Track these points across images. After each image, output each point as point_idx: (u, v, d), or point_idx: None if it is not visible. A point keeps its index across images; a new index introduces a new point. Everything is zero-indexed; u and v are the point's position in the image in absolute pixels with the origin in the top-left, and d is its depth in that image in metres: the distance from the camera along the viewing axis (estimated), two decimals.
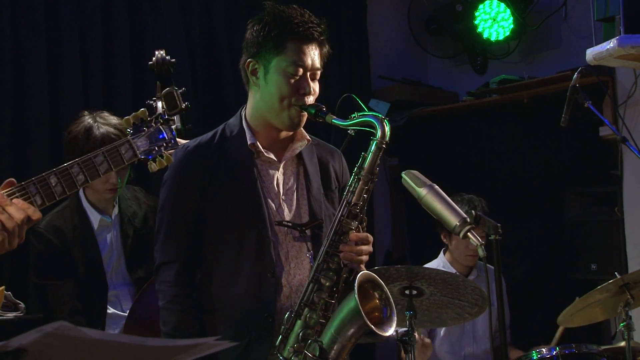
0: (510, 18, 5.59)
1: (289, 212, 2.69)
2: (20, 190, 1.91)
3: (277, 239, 2.64)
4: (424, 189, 2.43)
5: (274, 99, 2.61)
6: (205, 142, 2.71)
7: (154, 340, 1.15)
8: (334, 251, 2.51)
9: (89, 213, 3.57)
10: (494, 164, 5.65)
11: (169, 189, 2.70)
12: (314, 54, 2.63)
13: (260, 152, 2.67)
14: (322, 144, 2.87)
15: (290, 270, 2.65)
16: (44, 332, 1.10)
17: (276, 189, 2.69)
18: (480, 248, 2.29)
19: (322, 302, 2.50)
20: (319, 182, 2.76)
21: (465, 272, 4.24)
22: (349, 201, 2.52)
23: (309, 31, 2.60)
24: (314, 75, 2.64)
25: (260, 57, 2.63)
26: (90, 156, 2.00)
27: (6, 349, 1.11)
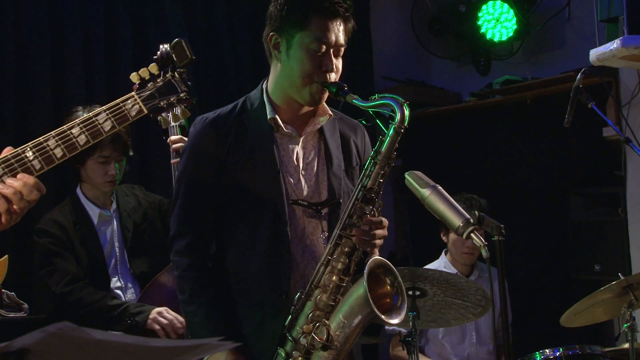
0: (513, 19, 5.59)
1: (308, 187, 2.67)
2: (15, 156, 1.83)
3: (293, 216, 2.62)
4: (427, 190, 2.43)
5: (295, 75, 2.58)
6: (224, 114, 2.67)
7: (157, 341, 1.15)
8: (347, 234, 2.50)
9: (87, 208, 3.60)
10: (497, 164, 5.64)
11: (186, 160, 2.66)
12: (339, 30, 2.58)
13: (280, 127, 2.64)
14: (345, 119, 2.82)
15: (305, 248, 2.63)
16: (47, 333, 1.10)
17: (295, 163, 2.67)
18: (483, 249, 2.28)
19: (333, 285, 2.48)
20: (340, 157, 2.73)
21: (467, 273, 4.24)
22: (364, 185, 2.50)
23: (334, 7, 2.55)
24: (337, 52, 2.60)
25: (283, 31, 2.59)
26: (91, 115, 1.89)
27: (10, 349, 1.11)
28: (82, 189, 3.64)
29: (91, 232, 3.57)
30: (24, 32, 4.35)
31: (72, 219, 3.56)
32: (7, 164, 1.81)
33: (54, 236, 3.50)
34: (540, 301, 5.31)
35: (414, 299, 3.40)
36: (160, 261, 3.58)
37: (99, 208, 3.62)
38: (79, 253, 3.52)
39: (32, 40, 4.38)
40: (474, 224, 2.34)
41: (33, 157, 1.83)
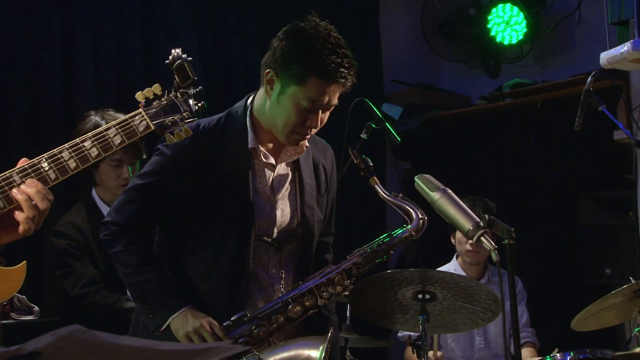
0: (523, 22, 5.58)
1: (281, 216, 2.68)
2: (32, 166, 1.86)
3: (257, 249, 2.63)
4: (437, 193, 2.43)
5: (279, 121, 2.56)
6: (206, 131, 2.62)
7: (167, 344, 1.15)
8: (318, 292, 2.53)
9: (103, 211, 3.61)
10: (507, 168, 5.63)
11: (156, 165, 2.61)
12: (335, 92, 2.54)
13: (259, 156, 2.63)
14: (315, 140, 2.80)
15: (264, 282, 2.66)
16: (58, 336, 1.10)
17: (269, 192, 2.67)
18: (494, 252, 2.28)
19: (276, 325, 2.53)
20: (312, 186, 2.75)
21: (477, 276, 4.23)
22: (356, 262, 2.57)
23: (337, 74, 2.48)
24: (327, 109, 2.58)
25: (280, 76, 2.54)
26: (102, 130, 1.95)
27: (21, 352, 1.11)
28: (97, 191, 3.65)
29: None
30: (33, 36, 4.37)
31: (89, 221, 3.57)
32: (24, 174, 1.85)
33: (71, 238, 3.51)
34: (551, 305, 5.29)
35: (424, 303, 3.39)
36: None
37: None
38: (96, 256, 3.53)
39: (42, 42, 4.40)
40: (484, 227, 2.34)
41: (48, 167, 1.87)
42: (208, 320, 2.49)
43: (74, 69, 4.52)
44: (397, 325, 3.45)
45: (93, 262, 3.52)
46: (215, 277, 2.59)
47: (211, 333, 2.46)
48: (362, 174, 2.57)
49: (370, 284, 3.09)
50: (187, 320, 2.48)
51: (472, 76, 6.25)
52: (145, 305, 2.57)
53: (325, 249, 2.91)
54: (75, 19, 4.54)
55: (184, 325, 2.48)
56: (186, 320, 2.48)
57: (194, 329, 2.46)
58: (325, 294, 2.56)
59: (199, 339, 2.45)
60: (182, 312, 2.51)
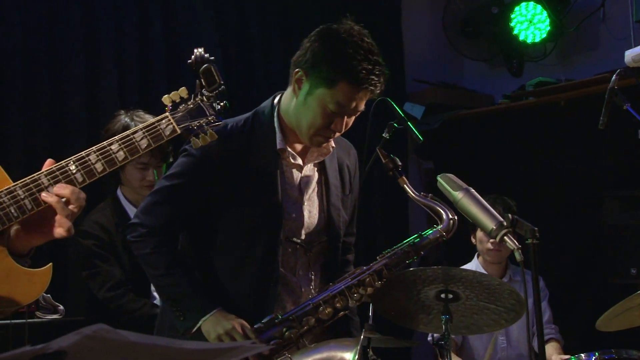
0: (546, 20, 5.55)
1: (309, 217, 2.68)
2: (59, 169, 1.87)
3: (286, 250, 2.64)
4: (459, 193, 2.42)
5: (304, 122, 2.55)
6: (234, 131, 2.62)
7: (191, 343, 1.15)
8: (348, 294, 2.53)
9: (128, 211, 3.63)
10: (531, 167, 5.60)
11: (184, 166, 2.62)
12: (363, 99, 2.53)
13: (287, 157, 2.64)
14: (339, 140, 2.79)
15: (293, 284, 2.67)
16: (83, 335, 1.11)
17: (297, 193, 2.67)
18: (517, 252, 2.27)
19: (307, 327, 2.53)
20: (338, 187, 2.75)
21: (499, 276, 4.21)
22: (386, 263, 2.57)
23: (367, 81, 2.46)
24: (354, 114, 2.57)
25: (309, 77, 2.53)
26: (129, 133, 1.96)
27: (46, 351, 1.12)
28: (122, 191, 3.67)
29: None
30: (58, 38, 4.41)
31: (114, 221, 3.59)
32: (52, 176, 1.86)
33: (97, 238, 3.53)
34: (575, 305, 5.25)
35: (447, 303, 3.37)
36: None
37: None
38: (121, 255, 3.55)
39: (66, 46, 4.44)
40: (507, 226, 2.33)
41: (76, 170, 1.89)
42: (240, 322, 2.49)
43: (97, 69, 4.55)
44: (420, 326, 3.44)
45: (118, 262, 3.54)
46: (243, 278, 2.60)
47: (243, 335, 2.46)
48: (391, 174, 2.56)
49: (393, 283, 3.08)
50: (218, 322, 2.49)
51: (494, 75, 6.22)
52: (176, 307, 2.58)
53: (347, 249, 2.91)
54: (99, 20, 4.58)
55: (216, 327, 2.48)
56: (217, 322, 2.49)
57: (226, 331, 2.46)
58: (356, 295, 2.56)
59: (230, 341, 2.45)
60: (213, 314, 2.51)
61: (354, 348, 2.37)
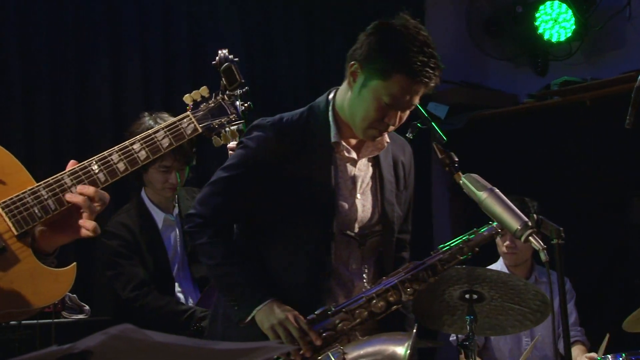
0: (572, 19, 5.51)
1: (362, 211, 2.68)
2: (82, 169, 1.89)
3: (339, 243, 2.64)
4: (484, 193, 2.41)
5: (357, 115, 2.56)
6: (290, 124, 2.65)
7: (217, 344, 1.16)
8: (401, 288, 2.52)
9: (153, 213, 3.65)
10: (556, 167, 5.56)
11: (240, 158, 2.65)
12: (417, 93, 2.52)
13: (341, 151, 2.64)
14: (393, 137, 2.79)
15: (345, 276, 2.67)
16: (109, 335, 1.11)
17: (351, 187, 2.67)
18: (542, 253, 2.25)
19: (359, 320, 2.52)
20: (392, 182, 2.75)
21: (525, 277, 4.18)
22: (441, 259, 2.55)
23: (422, 73, 2.46)
24: (408, 107, 2.57)
25: (364, 69, 2.53)
26: (150, 132, 1.97)
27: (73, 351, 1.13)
28: (146, 192, 3.69)
29: (157, 236, 3.62)
30: (83, 39, 4.46)
31: (139, 222, 3.61)
32: (75, 176, 1.87)
33: (122, 239, 3.55)
34: (601, 306, 5.21)
35: (471, 303, 3.36)
36: None
37: (163, 212, 3.66)
38: (145, 257, 3.57)
39: (91, 46, 4.49)
40: (532, 227, 2.31)
41: (98, 170, 1.90)
42: (293, 313, 2.50)
43: (122, 70, 4.59)
44: (444, 327, 3.43)
45: (142, 262, 3.56)
46: (296, 270, 2.62)
47: (296, 326, 2.47)
48: (447, 169, 2.54)
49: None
50: (272, 313, 2.50)
51: (519, 74, 6.18)
52: (230, 297, 2.61)
53: (402, 247, 2.90)
54: (124, 21, 4.61)
55: (269, 317, 2.50)
56: (271, 313, 2.50)
57: (279, 321, 2.48)
58: (410, 289, 2.54)
59: (284, 332, 2.47)
60: (267, 304, 2.52)
61: (406, 342, 2.37)
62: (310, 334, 2.47)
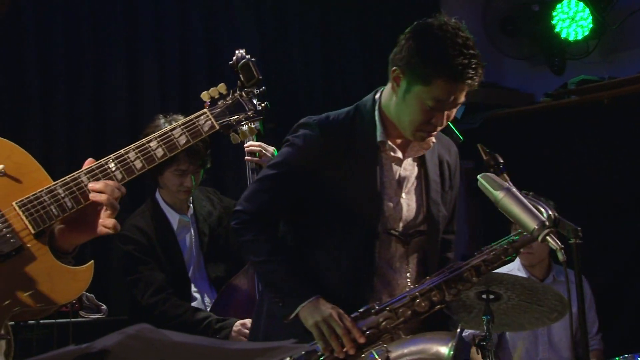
0: (589, 17, 5.48)
1: (407, 210, 2.68)
2: (99, 167, 1.89)
3: (383, 242, 2.64)
4: (500, 192, 2.40)
5: (404, 120, 2.56)
6: (337, 123, 2.66)
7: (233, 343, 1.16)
8: (445, 288, 2.51)
9: (167, 214, 3.65)
10: (573, 166, 5.53)
11: (287, 155, 2.66)
12: (461, 91, 2.52)
13: (387, 150, 2.64)
14: (439, 136, 2.78)
15: (389, 275, 2.66)
16: (126, 334, 1.12)
17: (396, 186, 2.67)
18: (559, 252, 2.24)
19: (403, 318, 2.51)
20: (437, 182, 2.74)
21: (542, 276, 4.17)
22: (485, 259, 2.54)
23: (463, 76, 2.46)
24: (454, 107, 2.57)
25: (406, 75, 2.53)
26: (167, 130, 1.97)
27: (90, 350, 1.14)
28: (160, 194, 3.70)
29: (172, 238, 3.62)
30: (100, 38, 4.48)
31: (154, 224, 3.61)
32: (92, 174, 1.88)
33: (137, 243, 3.55)
34: (621, 306, 5.18)
35: (488, 303, 3.35)
36: (234, 265, 3.62)
37: (178, 214, 3.67)
38: (161, 260, 3.57)
39: (108, 46, 4.51)
40: (550, 226, 2.30)
41: (115, 168, 1.90)
42: (337, 311, 2.50)
43: (138, 70, 4.61)
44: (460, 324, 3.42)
45: (158, 265, 3.56)
46: (340, 268, 2.62)
47: (340, 324, 2.47)
48: (492, 171, 2.53)
49: None
50: (316, 310, 2.50)
51: (535, 73, 6.15)
52: (275, 293, 2.62)
53: (447, 247, 2.89)
54: (140, 21, 4.63)
55: (313, 314, 2.50)
56: (315, 310, 2.50)
57: (323, 319, 2.48)
58: (453, 290, 2.54)
59: (328, 329, 2.48)
60: (311, 301, 2.53)
61: (450, 342, 2.37)
62: (353, 332, 2.47)
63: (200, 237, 3.68)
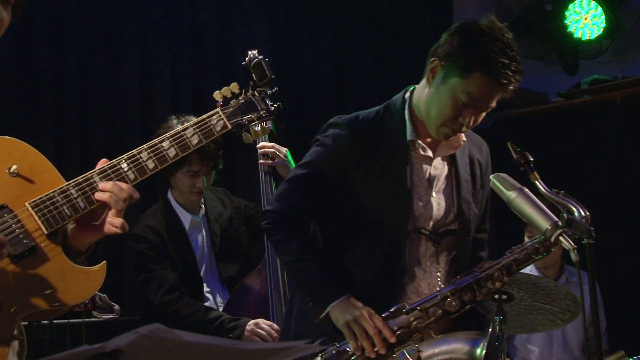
0: (602, 16, 5.46)
1: (437, 209, 2.68)
2: (111, 167, 1.89)
3: (413, 241, 2.64)
4: (513, 192, 2.40)
5: (433, 111, 2.56)
6: (366, 122, 2.66)
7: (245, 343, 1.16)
8: (476, 287, 2.50)
9: (179, 214, 3.66)
10: (586, 166, 5.51)
11: (317, 155, 2.66)
12: (495, 95, 2.53)
13: (417, 149, 2.64)
14: (470, 135, 2.79)
15: (419, 274, 2.66)
16: (139, 334, 1.12)
17: (426, 185, 2.67)
18: (573, 253, 2.23)
19: (433, 318, 2.50)
20: (468, 180, 2.74)
21: (555, 277, 4.15)
22: (516, 259, 2.54)
23: (502, 74, 2.47)
24: (484, 109, 2.57)
25: (444, 66, 2.53)
26: (179, 130, 1.96)
27: (103, 350, 1.14)
28: (172, 194, 3.71)
29: (184, 238, 3.63)
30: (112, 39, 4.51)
31: (166, 224, 3.62)
32: (104, 175, 1.88)
33: (150, 242, 3.56)
34: (631, 307, 5.16)
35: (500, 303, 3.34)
36: (246, 265, 3.62)
37: (190, 214, 3.67)
38: (173, 259, 3.58)
39: (120, 46, 4.54)
40: (563, 226, 2.29)
41: (128, 168, 1.90)
42: (368, 310, 2.50)
43: (150, 70, 4.63)
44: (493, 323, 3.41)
45: (171, 264, 3.57)
46: (369, 267, 2.62)
47: (371, 323, 2.47)
48: (522, 169, 2.52)
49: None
50: (347, 309, 2.50)
51: (548, 73, 6.13)
52: (305, 293, 2.62)
53: (480, 246, 2.89)
54: (152, 21, 4.65)
55: (344, 314, 2.50)
56: (346, 309, 2.50)
57: (354, 318, 2.48)
58: (484, 289, 2.54)
59: (358, 328, 2.47)
60: (342, 300, 2.52)
61: (482, 342, 2.36)
62: (384, 331, 2.46)
63: (212, 238, 3.68)
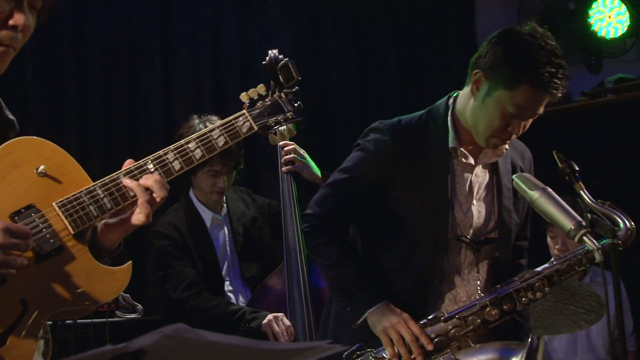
0: (626, 15, 5.41)
1: (477, 218, 2.65)
2: (138, 168, 1.90)
3: (453, 249, 2.62)
4: (536, 192, 2.38)
5: (480, 124, 2.53)
6: (408, 128, 2.63)
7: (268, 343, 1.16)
8: (516, 297, 2.49)
9: (201, 212, 3.67)
10: (610, 166, 5.46)
11: (358, 160, 2.65)
12: (543, 102, 2.50)
13: (459, 156, 2.62)
14: (513, 142, 2.74)
15: (458, 282, 2.64)
16: (162, 334, 1.12)
17: (467, 192, 2.65)
18: (597, 252, 2.22)
19: (472, 327, 2.49)
20: (510, 189, 2.69)
21: (579, 277, 4.12)
22: (558, 269, 2.52)
23: (550, 84, 2.44)
24: (532, 116, 2.54)
25: (489, 78, 2.50)
26: (206, 131, 1.97)
27: (127, 350, 1.15)
28: (194, 193, 3.73)
29: (205, 236, 3.65)
30: (135, 41, 4.53)
31: (187, 222, 3.64)
32: (130, 175, 1.89)
33: (171, 239, 3.58)
34: None
35: None
36: (269, 265, 3.63)
37: (211, 212, 3.69)
38: (194, 256, 3.59)
39: (143, 49, 4.56)
40: (587, 226, 2.28)
41: (154, 169, 1.91)
42: (406, 317, 2.49)
43: (173, 71, 4.66)
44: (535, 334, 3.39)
45: (191, 262, 3.59)
46: (408, 274, 2.61)
47: (408, 330, 2.46)
48: (567, 179, 2.50)
49: None
50: (384, 315, 2.49)
51: (572, 72, 6.02)
52: (344, 297, 2.62)
53: (520, 254, 2.86)
54: (174, 22, 4.68)
55: (381, 320, 2.49)
56: (383, 315, 2.50)
57: (392, 324, 2.47)
58: (525, 299, 2.50)
59: (396, 335, 2.46)
60: (380, 306, 2.52)
61: (521, 352, 2.34)
62: (422, 339, 2.45)
63: (235, 237, 3.69)
